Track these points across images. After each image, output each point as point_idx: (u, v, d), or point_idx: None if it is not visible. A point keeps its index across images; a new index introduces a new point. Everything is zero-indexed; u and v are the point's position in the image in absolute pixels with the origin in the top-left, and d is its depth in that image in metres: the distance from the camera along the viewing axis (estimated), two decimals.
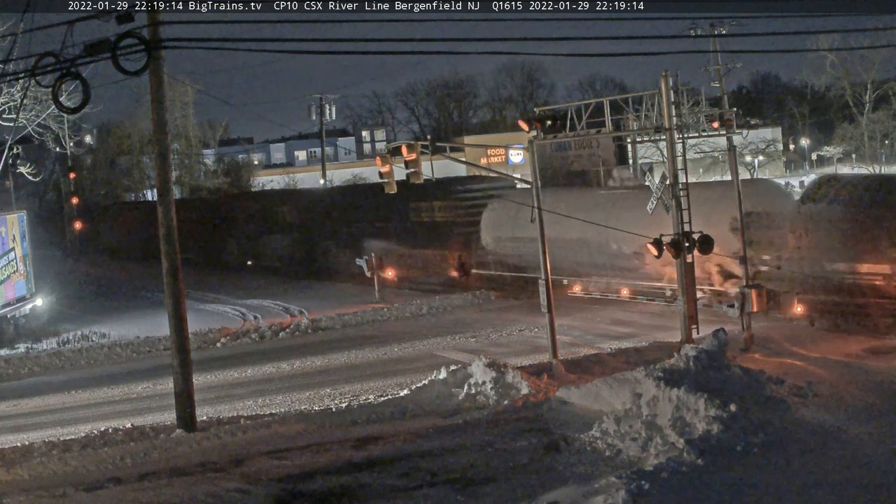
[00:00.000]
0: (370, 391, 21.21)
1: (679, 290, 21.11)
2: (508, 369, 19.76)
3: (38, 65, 16.24)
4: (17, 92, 32.06)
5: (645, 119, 22.06)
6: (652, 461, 13.89)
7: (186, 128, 70.09)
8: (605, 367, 20.74)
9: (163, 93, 18.21)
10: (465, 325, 28.46)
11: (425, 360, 24.02)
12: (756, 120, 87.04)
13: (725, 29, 48.81)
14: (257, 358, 26.09)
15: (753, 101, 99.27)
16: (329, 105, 69.43)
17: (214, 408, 20.47)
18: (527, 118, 22.59)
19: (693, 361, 17.02)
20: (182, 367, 18.41)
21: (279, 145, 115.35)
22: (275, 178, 79.67)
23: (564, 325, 25.41)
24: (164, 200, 18.38)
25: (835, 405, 16.46)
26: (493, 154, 75.76)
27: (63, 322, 33.85)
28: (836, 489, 12.64)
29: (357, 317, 30.92)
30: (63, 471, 15.98)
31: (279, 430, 17.61)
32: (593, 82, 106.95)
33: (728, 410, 15.04)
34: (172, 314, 18.42)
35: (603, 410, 16.42)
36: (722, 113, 22.37)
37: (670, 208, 20.66)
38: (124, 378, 24.95)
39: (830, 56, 64.72)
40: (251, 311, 34.24)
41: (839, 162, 78.38)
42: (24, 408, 22.61)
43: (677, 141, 20.98)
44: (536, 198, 21.69)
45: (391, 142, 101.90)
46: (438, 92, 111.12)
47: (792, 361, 20.10)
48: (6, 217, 33.53)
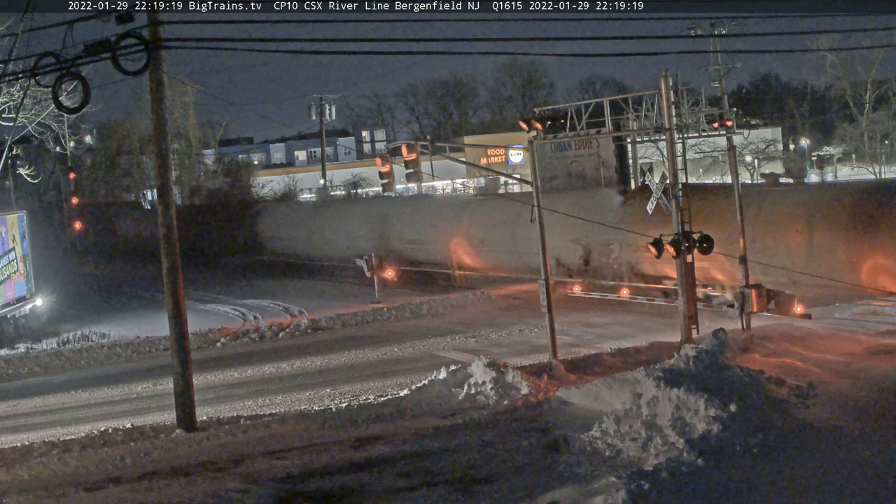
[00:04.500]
0: (370, 391, 21.21)
1: (679, 290, 21.13)
2: (508, 369, 19.76)
3: (38, 65, 16.22)
4: (17, 92, 32.05)
5: (645, 119, 22.10)
6: (652, 461, 13.89)
7: (186, 128, 70.07)
8: (605, 367, 20.74)
9: (163, 93, 18.21)
10: (465, 325, 28.46)
11: (425, 360, 24.02)
12: (756, 120, 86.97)
13: (725, 29, 48.83)
14: (257, 358, 26.09)
15: (753, 101, 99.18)
16: (329, 105, 69.50)
17: (214, 408, 20.47)
18: (527, 118, 22.58)
19: (693, 361, 17.01)
20: (182, 368, 18.42)
21: (279, 145, 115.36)
22: (275, 178, 79.63)
23: (565, 325, 25.40)
24: (164, 200, 18.38)
25: (835, 405, 16.46)
26: (492, 154, 75.75)
27: (63, 322, 33.84)
28: (837, 489, 12.63)
29: (357, 317, 30.90)
30: (63, 471, 15.98)
31: (279, 430, 17.60)
32: (593, 82, 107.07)
33: (728, 410, 15.04)
34: (172, 314, 18.42)
35: (603, 410, 16.42)
36: (722, 113, 22.38)
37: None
38: (124, 378, 24.94)
39: (830, 56, 64.76)
40: (251, 311, 34.24)
41: (839, 162, 78.36)
42: (24, 408, 22.61)
43: (677, 141, 20.99)
44: (537, 198, 21.67)
45: (391, 142, 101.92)
46: (438, 92, 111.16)
47: (792, 361, 20.09)
48: (6, 217, 33.52)
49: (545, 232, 21.44)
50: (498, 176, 54.31)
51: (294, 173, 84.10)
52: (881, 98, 68.22)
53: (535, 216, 21.58)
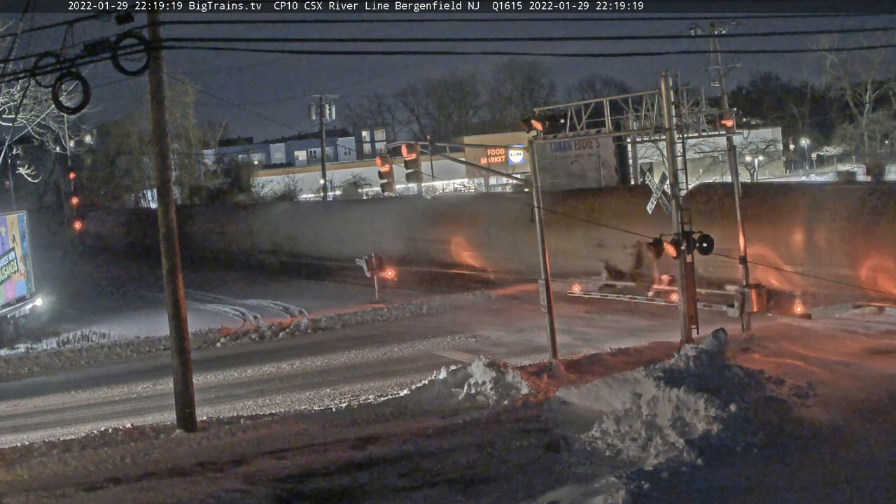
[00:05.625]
0: (370, 391, 21.21)
1: (679, 290, 21.13)
2: (508, 369, 19.76)
3: (37, 65, 16.24)
4: (17, 92, 32.06)
5: (645, 119, 22.05)
6: (652, 461, 13.88)
7: (186, 128, 70.05)
8: (605, 367, 20.73)
9: (162, 93, 18.20)
10: (465, 325, 28.46)
11: (425, 360, 24.02)
12: (756, 120, 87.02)
13: (725, 29, 48.79)
14: (257, 358, 26.08)
15: (753, 101, 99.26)
16: (329, 105, 69.46)
17: (214, 408, 20.47)
18: (527, 118, 22.59)
19: (693, 361, 17.01)
20: (182, 368, 18.41)
21: (279, 145, 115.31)
22: (275, 179, 79.66)
23: (564, 325, 25.39)
24: (164, 200, 18.38)
25: (835, 405, 16.45)
26: (492, 154, 75.76)
27: (63, 322, 33.84)
28: (837, 489, 12.62)
29: (357, 317, 30.91)
30: (63, 471, 15.96)
31: (279, 430, 17.60)
32: (593, 82, 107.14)
33: (728, 410, 15.03)
34: (172, 314, 18.41)
35: (603, 410, 16.41)
36: (722, 113, 22.36)
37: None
38: (124, 378, 24.94)
39: (830, 56, 64.81)
40: (251, 311, 34.23)
41: (839, 162, 78.40)
42: (24, 408, 22.61)
43: (677, 141, 20.98)
44: (536, 198, 21.67)
45: (391, 142, 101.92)
46: (438, 92, 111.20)
47: (792, 361, 20.09)
48: (6, 217, 33.52)
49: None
50: (499, 176, 54.32)
51: (294, 173, 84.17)
52: (881, 98, 68.25)
53: (537, 216, 21.60)
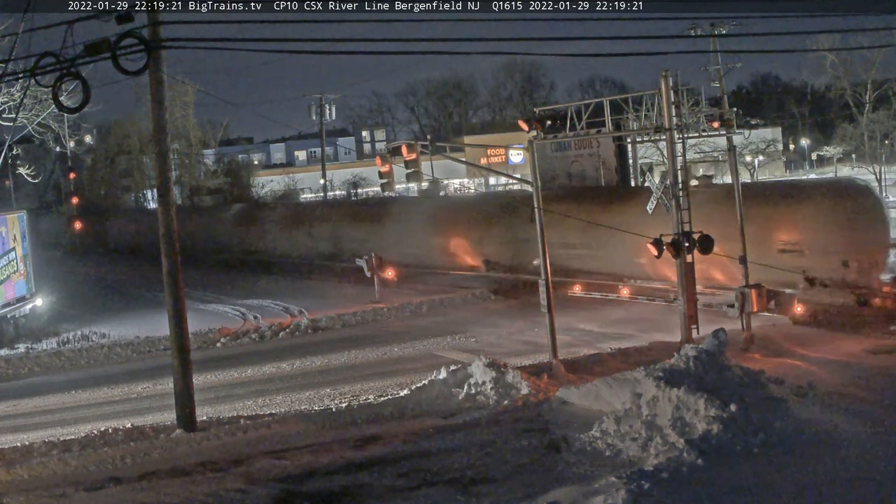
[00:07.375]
0: (370, 391, 21.21)
1: (679, 290, 21.13)
2: (508, 369, 19.76)
3: (38, 65, 16.23)
4: (17, 92, 32.04)
5: (645, 119, 22.10)
6: (652, 461, 13.88)
7: (186, 128, 70.02)
8: (605, 367, 20.74)
9: (163, 93, 18.20)
10: (465, 325, 28.45)
11: (425, 360, 24.01)
12: (756, 120, 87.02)
13: (725, 29, 48.75)
14: (257, 358, 26.08)
15: (753, 101, 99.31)
16: (329, 105, 69.44)
17: (214, 408, 20.46)
18: (527, 118, 22.59)
19: (693, 361, 17.00)
20: (182, 367, 18.41)
21: (279, 145, 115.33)
22: (275, 178, 79.65)
23: (564, 324, 25.40)
24: (164, 200, 18.37)
25: (835, 405, 16.45)
26: (492, 154, 75.77)
27: (63, 322, 33.82)
28: (837, 489, 12.63)
29: (357, 317, 30.91)
30: (63, 471, 15.97)
31: (279, 430, 17.60)
32: (593, 82, 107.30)
33: (728, 410, 15.03)
34: (172, 314, 18.40)
35: (603, 410, 16.41)
36: (722, 113, 22.39)
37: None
38: (124, 378, 24.94)
39: (830, 56, 64.67)
40: (251, 311, 34.22)
41: (839, 162, 78.34)
42: (24, 408, 22.60)
43: (677, 141, 20.98)
44: (536, 199, 21.67)
45: (391, 142, 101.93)
46: (438, 92, 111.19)
47: (792, 361, 20.10)
48: (6, 217, 33.52)
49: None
50: (496, 175, 54.27)
51: (294, 173, 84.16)
52: (881, 98, 68.13)
53: (537, 216, 21.60)
